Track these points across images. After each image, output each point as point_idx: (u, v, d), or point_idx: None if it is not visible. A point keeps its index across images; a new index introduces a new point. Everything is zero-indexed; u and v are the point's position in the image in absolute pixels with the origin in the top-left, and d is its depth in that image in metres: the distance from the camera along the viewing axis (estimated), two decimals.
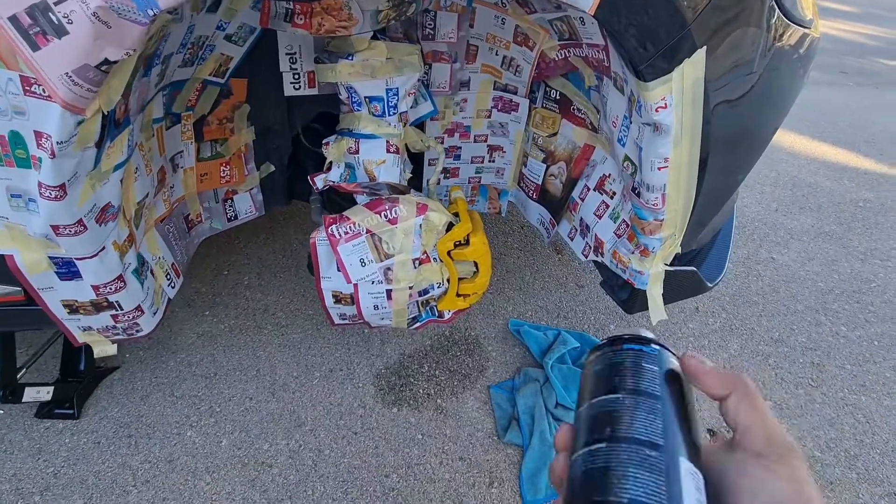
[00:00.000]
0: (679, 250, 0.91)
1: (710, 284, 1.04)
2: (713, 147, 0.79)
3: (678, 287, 0.99)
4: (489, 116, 1.18)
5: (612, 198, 0.99)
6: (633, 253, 0.92)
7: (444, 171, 1.24)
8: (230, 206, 1.14)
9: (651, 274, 0.91)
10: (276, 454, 1.03)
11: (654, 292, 0.92)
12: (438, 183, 1.25)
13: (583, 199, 1.07)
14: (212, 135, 1.03)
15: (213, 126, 1.02)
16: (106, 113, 0.61)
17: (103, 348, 0.88)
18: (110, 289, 0.76)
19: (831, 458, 1.08)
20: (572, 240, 1.13)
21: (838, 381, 1.26)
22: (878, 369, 1.29)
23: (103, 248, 0.72)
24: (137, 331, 0.87)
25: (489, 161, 1.24)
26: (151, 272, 0.88)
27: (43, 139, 0.57)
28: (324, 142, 0.99)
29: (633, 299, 0.98)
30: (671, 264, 0.93)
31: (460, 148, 1.21)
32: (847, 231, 1.84)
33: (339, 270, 0.92)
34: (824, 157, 2.40)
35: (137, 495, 0.96)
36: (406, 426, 1.10)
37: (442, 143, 1.17)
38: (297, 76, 0.98)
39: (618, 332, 0.30)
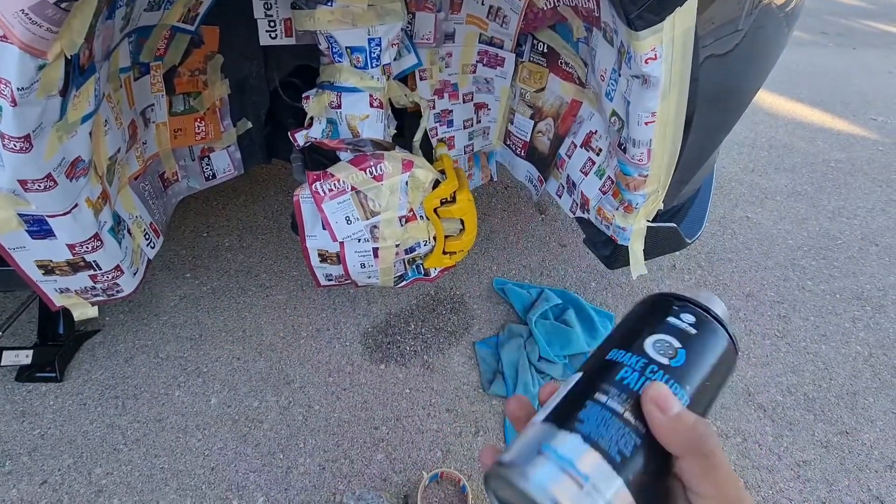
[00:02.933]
0: (661, 206, 0.93)
1: (688, 241, 1.07)
2: (698, 105, 0.79)
3: (659, 243, 1.02)
4: (474, 72, 1.14)
5: (598, 154, 1.00)
6: (617, 209, 0.93)
7: (441, 141, 1.20)
8: (207, 164, 1.10)
9: (633, 230, 0.92)
10: (267, 411, 1.05)
11: (636, 248, 0.94)
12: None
13: (569, 157, 1.07)
14: (184, 87, 0.98)
15: (185, 78, 0.97)
16: (69, 57, 0.57)
17: (83, 311, 0.87)
18: (87, 248, 0.74)
19: (792, 402, 1.16)
20: (560, 197, 1.13)
21: (802, 331, 1.33)
22: (839, 320, 1.37)
23: (76, 205, 0.69)
24: (118, 291, 0.85)
25: (476, 122, 1.22)
26: (129, 231, 0.85)
27: (2, 85, 0.53)
28: (304, 96, 0.96)
29: (615, 255, 1.00)
30: (653, 221, 0.95)
31: (452, 111, 1.17)
32: (818, 191, 1.90)
33: (324, 229, 0.91)
34: (801, 118, 2.44)
35: (128, 453, 0.97)
36: (394, 381, 1.13)
37: (433, 107, 1.12)
38: (272, 24, 0.93)
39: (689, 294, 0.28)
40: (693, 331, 0.26)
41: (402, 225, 0.92)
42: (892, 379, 1.23)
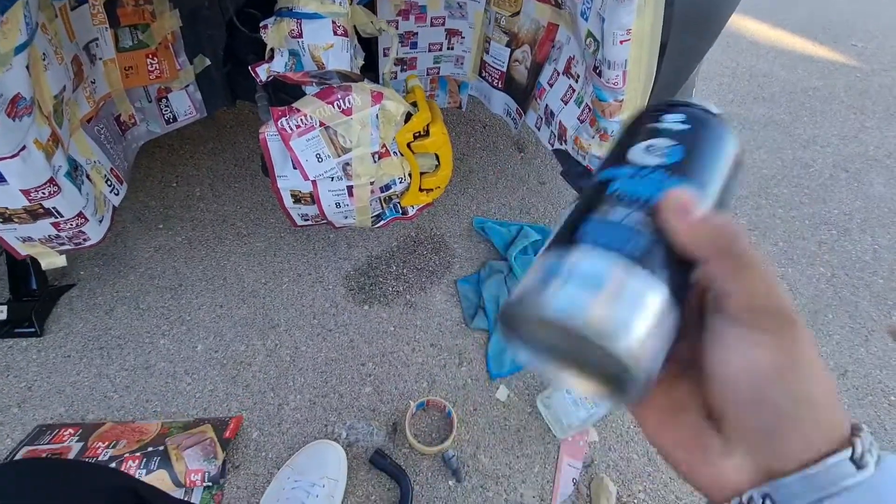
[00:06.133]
0: None
1: None
2: (672, 29, 0.76)
3: None
4: None
5: (577, 81, 0.97)
6: (593, 138, 0.92)
7: (401, 62, 1.16)
8: (166, 105, 1.04)
9: None
10: (254, 353, 1.07)
11: None
12: (395, 77, 1.18)
13: (551, 85, 1.04)
14: (129, 19, 0.90)
15: (129, 8, 0.89)
16: None
17: (51, 260, 0.84)
18: (43, 193, 0.70)
19: None
20: (539, 129, 1.11)
21: (770, 256, 1.38)
22: (806, 244, 1.43)
23: (24, 147, 0.66)
24: (85, 240, 0.83)
25: (447, 48, 1.16)
26: (88, 177, 0.81)
27: None
28: (261, 25, 0.89)
29: None
30: None
31: (416, 34, 1.12)
32: (794, 119, 1.90)
33: (295, 168, 0.88)
34: (782, 45, 2.39)
35: (119, 400, 0.98)
36: (378, 321, 1.15)
37: (396, 27, 1.07)
38: None
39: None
40: (684, 126, 0.22)
41: (375, 161, 0.90)
42: (851, 296, 1.30)
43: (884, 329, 1.23)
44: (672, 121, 0.23)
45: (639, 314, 0.18)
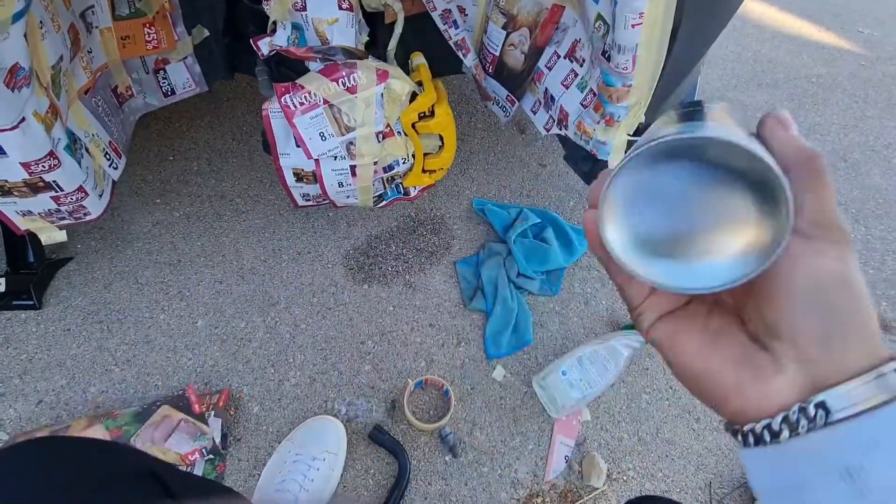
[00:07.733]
0: (643, 120, 0.92)
1: None
2: (685, 12, 0.75)
3: None
4: None
5: (581, 65, 0.96)
6: (598, 123, 0.92)
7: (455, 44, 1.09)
8: (164, 77, 1.01)
9: (614, 144, 0.92)
10: (254, 330, 1.08)
11: (615, 162, 0.94)
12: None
13: (550, 69, 1.03)
14: None
15: None
16: None
17: (51, 235, 0.84)
18: (43, 167, 0.69)
19: None
20: (535, 113, 1.10)
21: None
22: None
23: (23, 119, 0.64)
24: (85, 214, 0.82)
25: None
26: (87, 150, 0.80)
27: None
28: None
29: (595, 171, 1.00)
30: (633, 134, 0.94)
31: (465, 10, 1.05)
32: (797, 107, 1.89)
33: (298, 146, 0.87)
34: (789, 30, 2.36)
35: (120, 373, 0.99)
36: (377, 300, 1.16)
37: (434, 8, 1.02)
38: None
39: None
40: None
41: (379, 141, 0.89)
42: None
43: None
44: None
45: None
